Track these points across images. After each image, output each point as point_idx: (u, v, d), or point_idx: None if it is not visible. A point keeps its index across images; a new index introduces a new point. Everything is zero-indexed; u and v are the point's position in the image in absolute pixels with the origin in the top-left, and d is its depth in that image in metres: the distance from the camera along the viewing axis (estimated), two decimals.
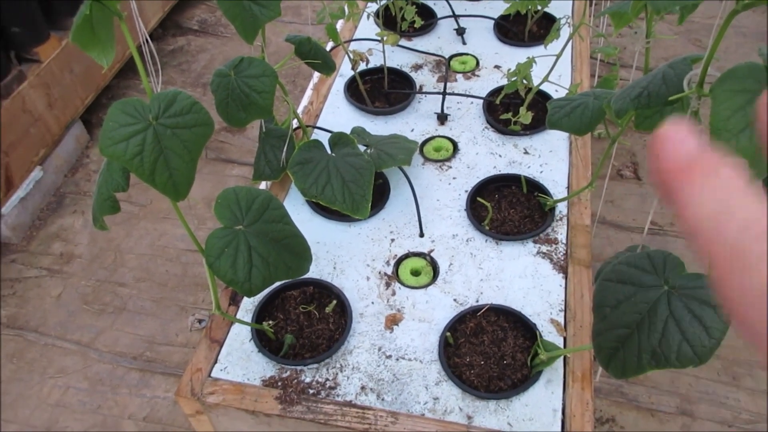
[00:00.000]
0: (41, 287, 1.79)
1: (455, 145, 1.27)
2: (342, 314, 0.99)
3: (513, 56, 1.47)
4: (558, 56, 1.18)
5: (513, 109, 1.30)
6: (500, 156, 1.24)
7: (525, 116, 1.21)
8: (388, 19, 1.57)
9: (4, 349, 1.65)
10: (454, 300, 1.01)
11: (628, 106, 0.62)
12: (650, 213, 0.74)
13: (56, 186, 2.08)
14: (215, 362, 0.94)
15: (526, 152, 1.25)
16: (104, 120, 0.69)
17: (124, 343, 1.65)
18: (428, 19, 1.58)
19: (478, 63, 1.47)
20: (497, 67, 1.46)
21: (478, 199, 1.14)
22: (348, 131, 1.20)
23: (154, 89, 0.76)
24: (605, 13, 0.89)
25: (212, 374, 0.93)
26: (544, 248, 1.07)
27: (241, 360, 0.94)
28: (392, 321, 0.99)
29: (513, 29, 1.54)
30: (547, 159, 1.23)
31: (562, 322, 0.97)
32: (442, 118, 1.33)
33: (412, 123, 1.33)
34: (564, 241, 1.08)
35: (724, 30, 0.48)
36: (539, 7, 1.37)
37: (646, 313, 0.64)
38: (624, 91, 0.65)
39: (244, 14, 0.97)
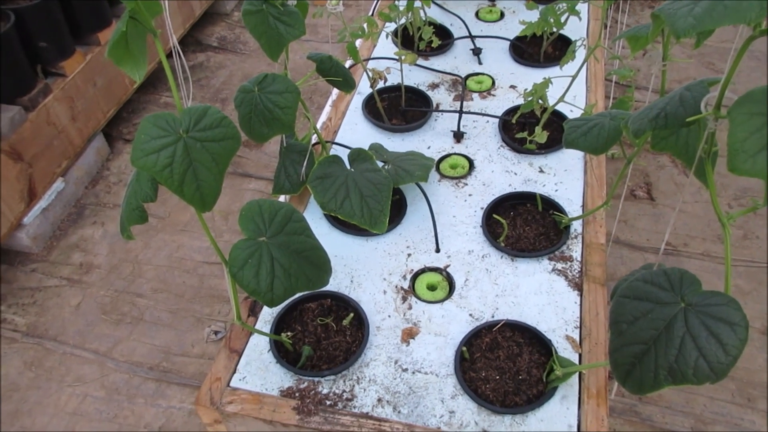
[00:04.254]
0: (61, 296, 1.82)
1: (471, 162, 1.29)
2: (359, 327, 1.01)
3: (528, 77, 1.49)
4: (573, 77, 1.20)
5: (528, 129, 1.31)
6: (516, 174, 1.26)
7: (540, 135, 1.23)
8: (405, 39, 1.60)
9: (23, 357, 1.68)
10: (470, 315, 1.02)
11: (646, 127, 0.63)
12: (666, 234, 0.76)
13: (77, 197, 2.11)
14: (234, 372, 0.96)
15: (541, 171, 1.26)
16: (136, 132, 0.72)
17: (141, 353, 1.67)
18: (445, 39, 1.61)
19: (493, 83, 1.49)
20: (513, 87, 1.48)
21: (494, 215, 1.16)
22: (366, 147, 1.22)
23: (183, 103, 0.79)
24: (622, 37, 0.91)
25: (231, 384, 0.95)
26: (559, 265, 1.08)
27: (259, 370, 0.96)
28: (409, 334, 1.00)
29: (528, 50, 1.57)
30: (562, 178, 1.24)
31: (578, 339, 0.98)
32: (459, 136, 1.35)
33: (429, 140, 1.35)
34: (579, 259, 1.09)
35: (742, 54, 0.49)
36: (555, 29, 1.39)
37: (663, 330, 0.65)
38: (641, 112, 0.66)
39: (270, 32, 1.00)
